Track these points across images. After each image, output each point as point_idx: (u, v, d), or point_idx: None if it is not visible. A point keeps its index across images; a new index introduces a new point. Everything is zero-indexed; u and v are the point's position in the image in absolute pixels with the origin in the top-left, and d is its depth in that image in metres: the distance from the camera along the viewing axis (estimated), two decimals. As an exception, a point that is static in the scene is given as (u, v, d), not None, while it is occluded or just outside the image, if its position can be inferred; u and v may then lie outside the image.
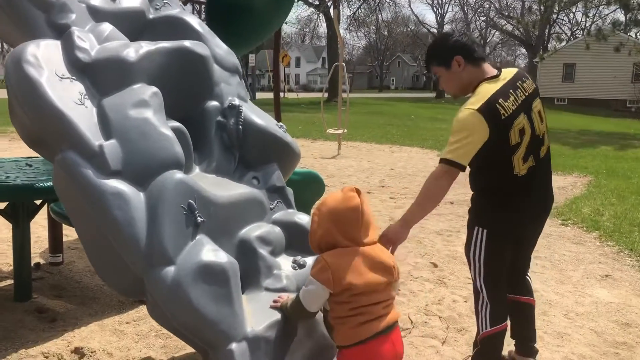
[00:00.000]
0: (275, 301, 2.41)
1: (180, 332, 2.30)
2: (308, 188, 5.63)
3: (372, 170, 9.91)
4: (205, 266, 2.27)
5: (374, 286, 2.18)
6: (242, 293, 2.53)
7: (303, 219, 2.84)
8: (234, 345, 2.22)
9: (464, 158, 2.54)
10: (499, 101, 2.55)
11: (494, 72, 2.69)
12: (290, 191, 3.00)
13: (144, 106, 2.49)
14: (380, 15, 47.08)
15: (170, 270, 2.24)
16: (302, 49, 75.13)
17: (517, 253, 2.87)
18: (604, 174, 9.94)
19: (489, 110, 2.52)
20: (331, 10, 34.83)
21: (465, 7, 55.48)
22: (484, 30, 60.31)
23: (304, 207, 5.81)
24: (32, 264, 4.32)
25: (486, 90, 2.58)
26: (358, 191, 2.27)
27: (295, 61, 76.87)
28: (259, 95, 31.47)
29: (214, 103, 2.90)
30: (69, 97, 2.38)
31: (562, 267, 4.94)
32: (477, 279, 2.77)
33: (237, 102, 2.92)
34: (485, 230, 2.70)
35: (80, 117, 2.36)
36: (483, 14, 56.78)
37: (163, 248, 2.25)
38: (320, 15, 38.07)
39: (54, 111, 2.29)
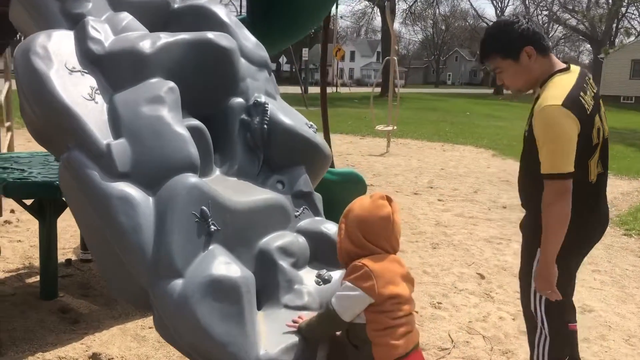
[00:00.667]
0: (294, 321, 2.18)
1: (187, 351, 2.10)
2: (348, 189, 5.36)
3: (422, 169, 9.55)
4: (216, 281, 2.05)
5: (409, 296, 2.06)
6: (260, 309, 2.32)
7: (330, 228, 2.59)
8: (244, 370, 2.00)
9: (568, 164, 2.16)
10: (581, 94, 2.21)
11: (563, 64, 2.34)
12: (318, 197, 2.75)
13: (159, 103, 2.29)
14: (437, 9, 46.05)
15: (178, 283, 2.04)
16: (357, 43, 74.52)
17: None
18: (673, 180, 9.24)
19: (573, 103, 2.17)
20: (386, 4, 34.31)
21: (526, 1, 53.61)
22: (546, 24, 58.20)
23: (344, 210, 5.58)
24: (63, 260, 4.27)
25: (563, 83, 2.24)
26: (389, 199, 2.10)
27: (350, 55, 76.38)
28: (312, 89, 31.31)
29: (239, 100, 2.68)
30: (77, 91, 2.21)
31: (624, 283, 4.51)
32: (538, 309, 2.39)
33: (263, 99, 2.69)
34: None
35: (89, 113, 2.19)
36: (545, 8, 54.75)
37: (171, 259, 2.05)
38: (375, 8, 37.55)
39: (60, 106, 2.12)
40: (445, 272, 4.57)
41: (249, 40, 2.87)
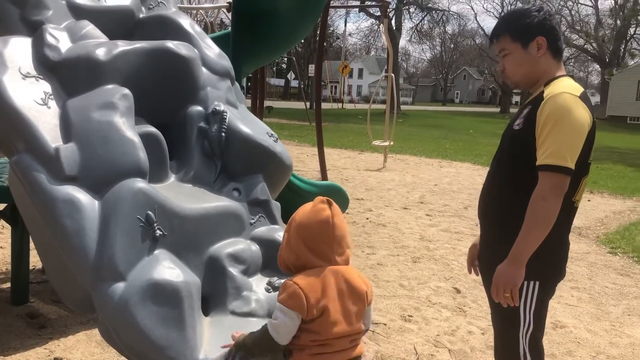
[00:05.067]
0: (233, 336, 2.15)
1: (126, 353, 2.11)
2: (330, 201, 5.40)
3: (415, 185, 9.54)
4: (156, 285, 2.07)
5: (346, 314, 1.91)
6: (207, 315, 2.33)
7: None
8: (182, 374, 2.01)
9: (572, 159, 1.96)
10: (590, 101, 2.09)
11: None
12: (276, 205, 2.77)
13: (110, 108, 2.33)
14: (444, 28, 46.29)
15: (120, 286, 2.06)
16: (366, 61, 74.92)
17: None
18: (668, 199, 9.17)
19: (587, 102, 2.02)
20: (393, 22, 34.48)
21: (534, 21, 53.56)
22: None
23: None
24: (39, 267, 4.30)
25: (576, 85, 2.09)
26: (329, 202, 2.00)
27: (358, 72, 76.77)
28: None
29: (198, 108, 2.72)
30: (29, 96, 2.25)
31: (602, 300, 4.47)
32: (522, 339, 2.16)
33: (222, 107, 2.72)
34: (537, 283, 2.12)
35: (40, 117, 2.23)
36: (554, 28, 54.70)
37: (113, 262, 2.07)
38: (380, 26, 37.78)
39: (10, 110, 2.17)
40: (422, 286, 4.55)
41: (212, 49, 2.91)
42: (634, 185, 10.59)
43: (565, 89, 2.03)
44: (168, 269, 2.14)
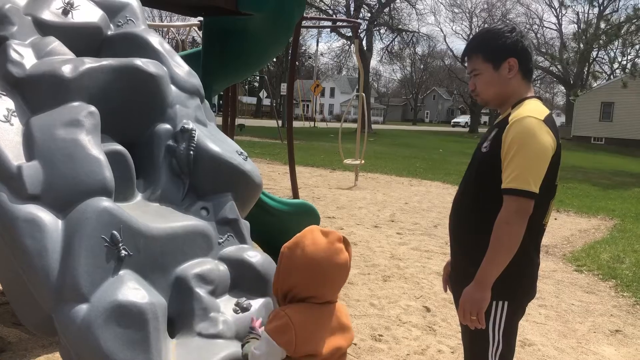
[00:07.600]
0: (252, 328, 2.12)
1: (89, 378, 2.05)
2: (300, 220, 5.36)
3: (386, 203, 9.59)
4: (120, 306, 2.02)
5: (334, 352, 1.86)
6: (173, 337, 2.28)
7: (253, 256, 2.57)
8: (146, 398, 1.96)
9: (536, 183, 1.97)
10: (555, 124, 2.11)
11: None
12: (245, 224, 2.74)
13: (76, 126, 2.29)
14: (414, 49, 46.92)
15: (82, 308, 2.01)
16: (338, 80, 75.55)
17: None
18: (631, 218, 9.39)
19: (553, 126, 2.05)
20: (364, 42, 34.90)
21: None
22: (520, 66, 59.48)
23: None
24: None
25: (541, 106, 2.11)
26: (346, 242, 1.85)
27: (330, 92, 77.38)
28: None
29: (166, 126, 2.69)
30: (-8, 113, 2.20)
31: (568, 318, 4.53)
32: (491, 359, 2.17)
33: (190, 125, 2.70)
34: (506, 303, 2.13)
35: (2, 135, 2.19)
36: (520, 50, 56.06)
37: (76, 283, 2.02)
38: (352, 46, 38.18)
39: (-30, 128, 2.12)
40: (392, 305, 4.55)
41: (181, 67, 2.89)
42: (599, 204, 10.83)
43: (530, 112, 2.05)
44: (133, 290, 2.09)
